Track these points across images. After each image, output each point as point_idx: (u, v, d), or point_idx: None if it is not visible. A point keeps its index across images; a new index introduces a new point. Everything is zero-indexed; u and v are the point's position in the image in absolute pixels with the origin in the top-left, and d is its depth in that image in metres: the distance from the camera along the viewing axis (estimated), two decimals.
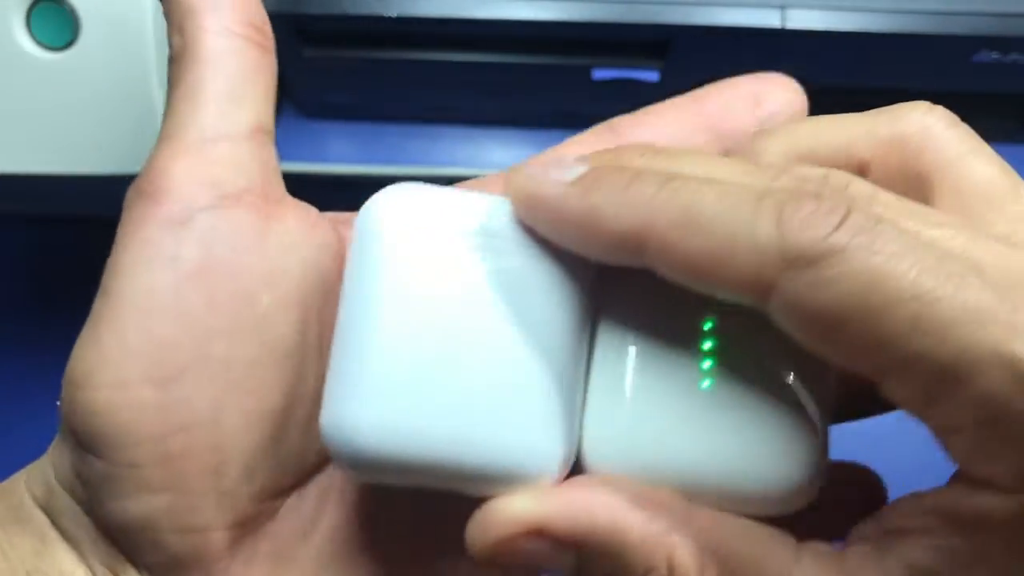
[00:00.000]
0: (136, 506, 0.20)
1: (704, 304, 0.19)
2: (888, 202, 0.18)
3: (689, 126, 0.25)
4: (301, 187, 0.24)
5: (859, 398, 0.22)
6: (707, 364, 0.20)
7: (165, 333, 0.20)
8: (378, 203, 0.20)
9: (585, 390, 0.20)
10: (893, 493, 0.22)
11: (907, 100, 0.22)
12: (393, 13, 0.36)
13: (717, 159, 0.20)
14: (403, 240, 0.19)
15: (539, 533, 0.19)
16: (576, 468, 0.20)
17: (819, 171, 0.19)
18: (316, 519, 0.22)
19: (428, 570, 0.23)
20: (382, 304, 0.19)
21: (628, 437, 0.20)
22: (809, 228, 0.16)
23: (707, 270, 0.18)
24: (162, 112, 0.22)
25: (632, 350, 0.20)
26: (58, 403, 0.21)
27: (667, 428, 0.20)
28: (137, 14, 0.30)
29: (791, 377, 0.20)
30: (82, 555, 0.21)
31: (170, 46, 0.22)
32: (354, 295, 0.19)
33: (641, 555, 0.19)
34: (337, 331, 0.20)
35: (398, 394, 0.18)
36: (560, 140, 0.24)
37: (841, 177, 0.19)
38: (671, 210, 0.18)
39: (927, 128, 0.21)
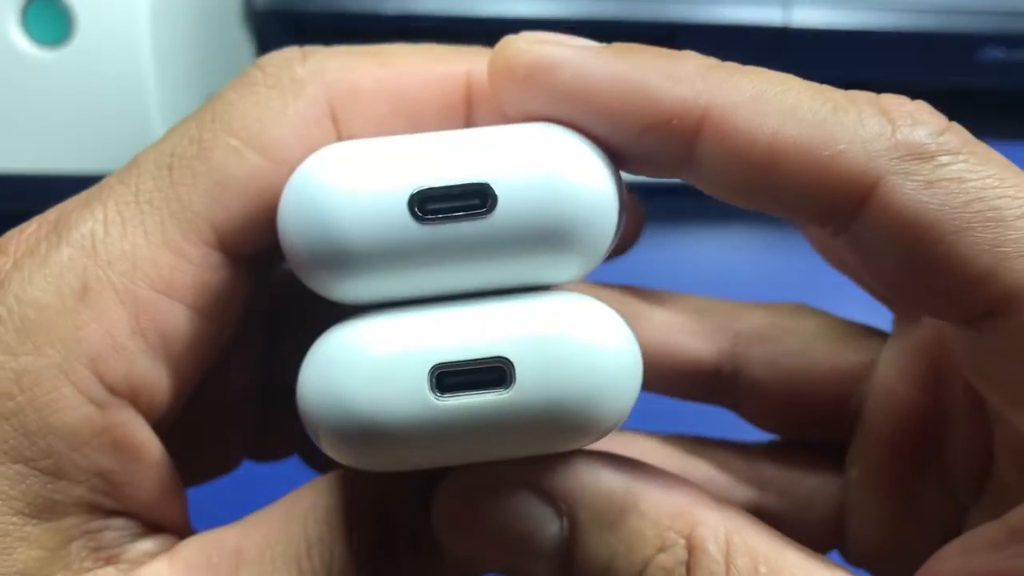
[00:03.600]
0: None
1: None
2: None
3: None
4: None
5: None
6: None
7: None
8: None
9: None
10: None
11: (909, 98, 0.21)
12: (391, 10, 0.35)
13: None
14: None
15: (533, 488, 0.15)
16: None
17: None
18: None
19: None
20: None
21: None
22: (921, 124, 0.14)
23: (795, 161, 0.14)
24: (159, 110, 0.21)
25: None
26: None
27: None
28: (133, 11, 0.30)
29: None
30: None
31: None
32: None
33: (654, 527, 0.15)
34: None
35: None
36: None
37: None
38: (745, 88, 0.15)
39: None
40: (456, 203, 0.14)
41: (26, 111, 0.30)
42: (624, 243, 0.21)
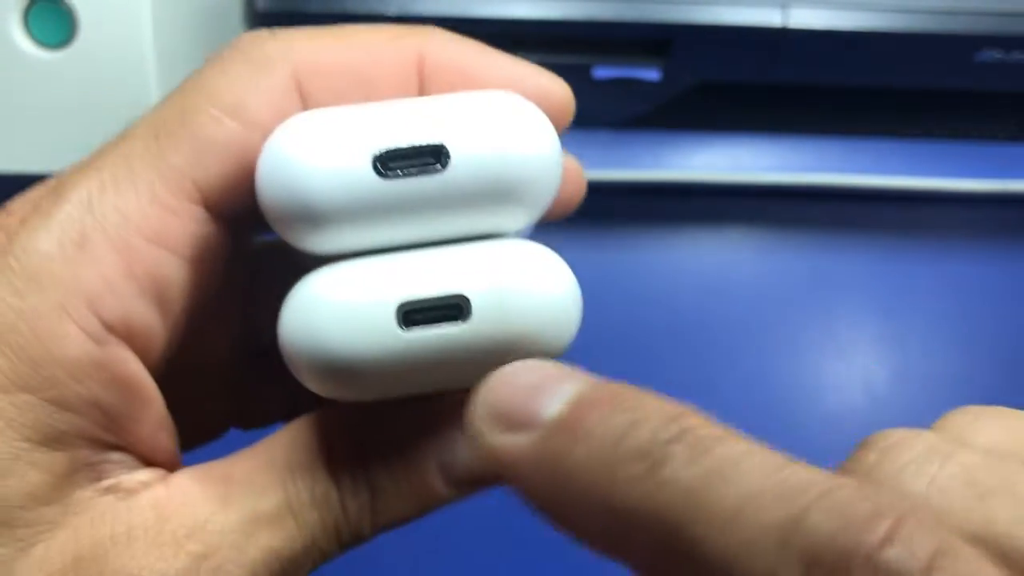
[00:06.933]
0: None
1: None
2: None
3: None
4: None
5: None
6: None
7: None
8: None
9: None
10: None
11: (907, 99, 0.20)
12: (392, 11, 0.35)
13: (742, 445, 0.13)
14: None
15: None
16: None
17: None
18: None
19: None
20: None
21: None
22: None
23: None
24: None
25: None
26: None
27: None
28: (135, 12, 0.30)
29: None
30: None
31: None
32: None
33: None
34: None
35: None
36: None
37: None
38: (657, 516, 0.13)
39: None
40: (414, 161, 0.16)
41: (28, 112, 0.30)
42: (569, 203, 0.22)
